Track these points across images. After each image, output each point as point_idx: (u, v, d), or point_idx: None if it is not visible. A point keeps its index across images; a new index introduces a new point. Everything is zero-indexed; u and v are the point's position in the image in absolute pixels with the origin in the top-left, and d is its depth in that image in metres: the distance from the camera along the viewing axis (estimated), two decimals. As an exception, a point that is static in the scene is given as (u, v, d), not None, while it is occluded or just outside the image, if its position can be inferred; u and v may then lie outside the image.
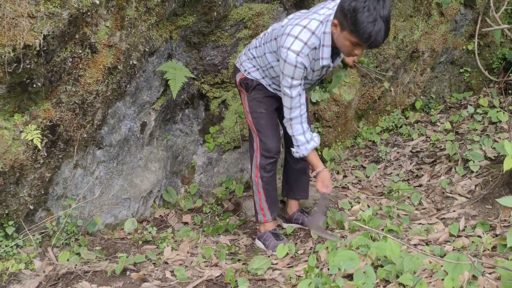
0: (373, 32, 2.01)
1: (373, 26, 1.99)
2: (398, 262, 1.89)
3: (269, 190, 2.63)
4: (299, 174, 2.82)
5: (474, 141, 3.42)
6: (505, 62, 4.29)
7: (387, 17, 2.01)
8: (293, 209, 2.91)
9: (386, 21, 2.01)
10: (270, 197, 2.64)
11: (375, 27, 2.00)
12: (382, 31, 2.02)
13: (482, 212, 2.66)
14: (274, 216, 2.69)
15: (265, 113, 2.56)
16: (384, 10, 1.99)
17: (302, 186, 2.86)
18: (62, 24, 2.18)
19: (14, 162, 2.25)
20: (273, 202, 2.67)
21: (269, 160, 2.57)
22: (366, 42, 2.05)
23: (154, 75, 2.89)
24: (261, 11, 3.15)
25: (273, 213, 2.68)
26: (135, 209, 2.90)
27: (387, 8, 1.99)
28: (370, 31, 2.01)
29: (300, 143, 2.43)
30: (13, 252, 2.36)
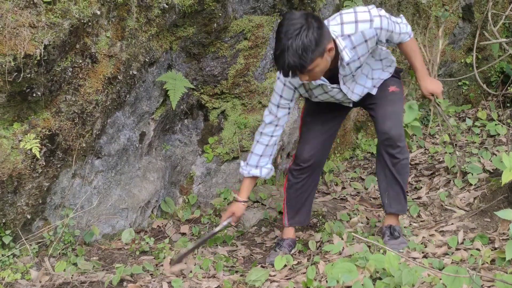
0: (279, 63, 2.00)
1: (279, 58, 1.98)
2: (396, 274, 1.88)
3: (291, 195, 2.61)
4: (388, 184, 2.50)
5: (473, 154, 3.43)
6: (503, 75, 4.31)
7: (289, 47, 1.94)
8: (383, 222, 2.64)
9: (287, 50, 1.94)
10: (290, 203, 2.62)
11: (279, 59, 1.98)
12: (284, 62, 1.97)
13: (481, 225, 2.65)
14: (291, 223, 2.66)
15: (309, 121, 2.56)
16: (286, 42, 1.94)
17: (390, 197, 2.52)
18: (63, 34, 2.19)
19: (12, 171, 2.25)
20: (293, 209, 2.63)
21: (296, 167, 2.56)
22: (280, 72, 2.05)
23: (154, 85, 2.90)
24: (261, 23, 3.17)
25: (290, 220, 2.65)
26: (133, 219, 2.90)
27: (292, 39, 1.92)
28: (277, 62, 2.01)
29: (250, 162, 2.45)
30: (9, 262, 2.34)
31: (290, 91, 2.33)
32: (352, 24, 2.14)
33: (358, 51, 2.20)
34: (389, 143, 2.38)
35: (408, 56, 2.43)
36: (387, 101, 2.42)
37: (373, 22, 2.15)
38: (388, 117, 2.37)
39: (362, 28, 2.15)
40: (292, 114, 3.48)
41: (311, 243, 2.67)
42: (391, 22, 2.23)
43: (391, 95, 2.43)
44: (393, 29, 2.24)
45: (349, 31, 2.15)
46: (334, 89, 2.32)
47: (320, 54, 2.01)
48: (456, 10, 4.10)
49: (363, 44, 2.19)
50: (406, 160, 2.45)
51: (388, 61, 2.48)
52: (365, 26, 2.14)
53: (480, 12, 4.16)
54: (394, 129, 2.35)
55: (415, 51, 2.41)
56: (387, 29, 2.20)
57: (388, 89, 2.44)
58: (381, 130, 2.38)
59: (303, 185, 2.58)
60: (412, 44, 2.39)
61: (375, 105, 2.45)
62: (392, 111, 2.39)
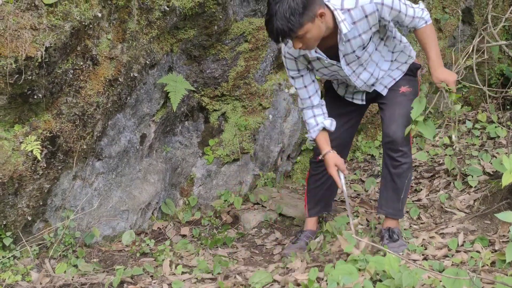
0: (268, 28, 2.03)
1: (268, 23, 2.01)
2: (396, 277, 1.89)
3: (311, 186, 2.68)
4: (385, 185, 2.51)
5: (473, 156, 3.43)
6: (503, 77, 4.32)
7: (277, 11, 1.96)
8: (382, 224, 2.64)
9: (275, 15, 1.96)
10: (310, 194, 2.68)
11: (269, 24, 2.01)
12: (273, 26, 1.99)
13: (481, 227, 2.65)
14: (311, 214, 2.71)
15: None
16: (274, 6, 1.96)
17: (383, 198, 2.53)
18: (64, 37, 2.20)
19: (13, 172, 2.25)
20: (313, 200, 2.69)
21: (315, 160, 2.62)
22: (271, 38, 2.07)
23: (155, 88, 2.91)
24: (262, 26, 3.18)
25: (310, 210, 2.71)
26: (133, 221, 2.90)
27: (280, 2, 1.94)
28: (266, 28, 2.05)
29: (310, 126, 2.43)
30: (10, 264, 2.35)
31: (292, 62, 2.33)
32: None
33: (358, 27, 2.15)
34: (392, 146, 2.37)
35: (422, 44, 2.29)
36: (396, 103, 2.39)
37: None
38: (394, 120, 2.35)
39: (362, 3, 2.09)
40: (292, 116, 3.49)
41: (312, 243, 2.67)
42: (399, 2, 2.13)
43: (401, 96, 2.40)
44: (401, 9, 2.14)
45: (349, 5, 2.10)
46: (334, 65, 2.28)
47: (309, 19, 1.99)
48: (456, 13, 4.11)
49: (364, 20, 2.13)
50: (408, 164, 2.42)
51: (402, 56, 2.41)
52: (365, 0, 2.10)
53: (480, 14, 4.17)
54: (397, 133, 2.33)
55: (430, 39, 2.25)
56: (391, 6, 2.11)
57: (399, 89, 2.41)
58: (386, 133, 2.38)
59: (321, 177, 2.62)
60: (428, 31, 2.24)
61: (384, 105, 2.44)
62: (399, 114, 2.36)
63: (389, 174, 2.45)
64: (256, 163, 3.42)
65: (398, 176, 2.43)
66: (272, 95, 3.36)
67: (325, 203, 2.75)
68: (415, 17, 2.21)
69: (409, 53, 2.43)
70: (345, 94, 2.56)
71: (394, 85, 2.43)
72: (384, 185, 2.50)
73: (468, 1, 4.10)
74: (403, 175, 2.43)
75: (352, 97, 2.54)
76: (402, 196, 2.48)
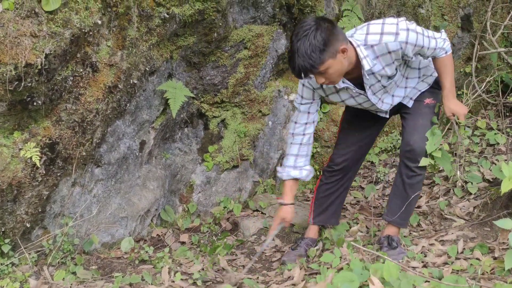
0: (290, 65, 2.08)
1: (291, 60, 2.06)
2: (396, 284, 1.88)
3: (320, 194, 2.69)
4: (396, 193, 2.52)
5: (472, 163, 3.43)
6: (502, 84, 4.33)
7: (298, 49, 2.00)
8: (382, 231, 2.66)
9: (297, 52, 2.01)
10: (318, 202, 2.70)
11: (291, 61, 2.06)
12: (295, 63, 2.04)
13: (481, 235, 2.65)
14: (315, 221, 2.72)
15: (346, 127, 2.63)
16: (295, 44, 2.01)
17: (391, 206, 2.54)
18: (64, 44, 2.21)
19: (12, 179, 2.25)
20: (319, 208, 2.70)
21: (329, 168, 2.65)
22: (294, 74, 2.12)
23: (154, 94, 2.91)
24: (261, 33, 3.19)
25: (315, 218, 2.72)
26: (132, 228, 2.89)
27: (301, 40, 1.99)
28: (289, 64, 2.10)
29: (287, 164, 2.46)
30: (8, 271, 2.34)
31: (309, 91, 2.37)
32: (377, 35, 2.12)
33: (381, 61, 2.19)
34: (411, 156, 2.38)
35: (439, 72, 2.36)
36: (420, 114, 2.41)
37: (399, 35, 2.11)
38: (417, 130, 2.37)
39: (386, 40, 2.12)
40: (292, 123, 3.49)
41: (311, 251, 2.66)
42: (422, 37, 2.17)
43: (426, 107, 2.42)
44: (423, 44, 2.18)
45: (373, 41, 2.13)
46: (361, 95, 2.32)
47: (331, 55, 2.02)
48: (455, 20, 4.12)
49: (387, 55, 2.17)
50: (422, 177, 2.44)
51: (427, 70, 2.43)
52: (389, 38, 2.12)
53: (479, 21, 4.19)
54: (419, 143, 2.35)
55: (448, 69, 2.32)
56: (415, 44, 2.15)
57: (424, 101, 2.44)
58: (406, 141, 2.39)
59: (332, 187, 2.65)
60: (446, 61, 2.31)
61: (408, 115, 2.46)
62: (422, 124, 2.38)
63: (402, 183, 2.46)
64: (256, 169, 3.42)
65: (411, 186, 2.44)
66: (271, 102, 3.37)
67: (332, 213, 2.74)
68: (436, 49, 2.25)
69: (432, 66, 2.44)
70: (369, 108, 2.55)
71: (419, 96, 2.46)
72: (394, 193, 2.52)
73: (467, 9, 4.12)
74: (415, 186, 2.45)
75: (375, 111, 2.53)
76: (409, 207, 2.50)
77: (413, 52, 2.19)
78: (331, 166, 2.63)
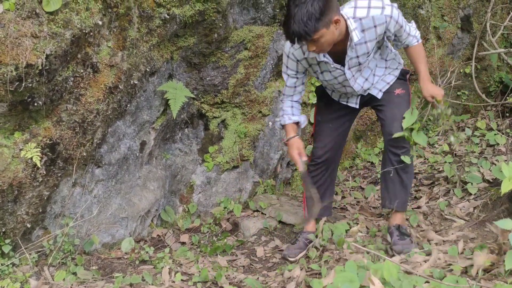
0: (285, 29, 2.15)
1: (286, 25, 2.13)
2: (396, 284, 1.88)
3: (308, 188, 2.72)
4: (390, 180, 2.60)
5: (472, 164, 3.43)
6: (502, 85, 4.33)
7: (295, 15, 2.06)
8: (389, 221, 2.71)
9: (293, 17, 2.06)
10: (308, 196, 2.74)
11: (286, 25, 2.12)
12: (290, 28, 2.09)
13: (481, 235, 2.65)
14: (310, 215, 2.76)
15: (320, 120, 2.71)
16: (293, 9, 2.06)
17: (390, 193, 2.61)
18: (64, 44, 2.21)
19: (13, 180, 2.26)
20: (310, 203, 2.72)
21: (313, 162, 2.71)
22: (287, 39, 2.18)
23: (155, 95, 2.92)
24: (261, 33, 3.19)
25: (309, 212, 2.76)
26: (132, 228, 2.89)
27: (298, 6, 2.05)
28: (284, 28, 2.16)
29: (286, 112, 2.55)
30: (9, 271, 2.34)
31: (293, 63, 2.45)
32: (364, 9, 2.24)
33: (366, 35, 2.29)
34: (395, 144, 2.49)
35: (413, 60, 2.50)
36: (394, 104, 2.53)
37: (385, 9, 2.25)
38: (396, 119, 2.49)
39: (373, 13, 2.24)
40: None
41: (311, 252, 2.66)
42: (402, 18, 2.33)
43: (398, 97, 2.55)
44: (403, 24, 2.34)
45: (361, 14, 2.24)
46: (337, 69, 2.41)
47: (325, 24, 2.10)
48: (455, 21, 4.13)
49: (372, 29, 2.28)
50: (411, 161, 2.54)
51: (393, 63, 2.57)
52: (376, 12, 2.24)
53: (478, 22, 4.19)
54: (400, 130, 2.46)
55: (421, 56, 2.48)
56: (397, 20, 2.29)
57: (394, 92, 2.55)
58: (388, 131, 2.50)
59: (319, 180, 2.71)
60: (419, 48, 2.48)
61: (383, 107, 2.56)
62: (400, 113, 2.50)
63: (394, 170, 2.55)
64: (256, 170, 3.42)
65: (403, 170, 2.55)
66: (272, 102, 3.37)
67: (325, 206, 2.82)
68: (410, 34, 2.42)
69: (398, 61, 2.61)
70: (339, 99, 2.67)
71: (389, 88, 2.58)
72: (390, 180, 2.60)
73: (467, 9, 4.12)
74: (407, 170, 2.56)
75: (346, 101, 2.65)
76: (407, 190, 2.61)
77: (394, 29, 2.32)
78: (314, 160, 2.71)
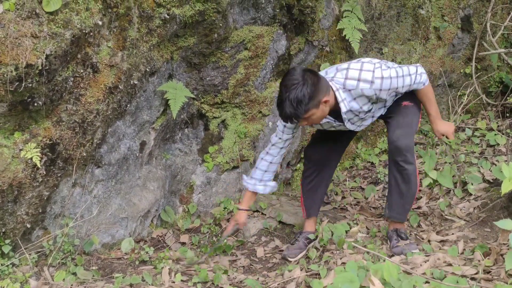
0: (279, 110, 2.29)
1: (280, 107, 2.28)
2: (396, 285, 1.88)
3: (305, 189, 2.82)
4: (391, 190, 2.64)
5: (473, 164, 3.43)
6: (502, 85, 4.33)
7: (287, 99, 2.22)
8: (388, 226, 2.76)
9: (285, 101, 2.23)
10: (306, 196, 2.83)
11: (280, 107, 2.28)
12: (283, 110, 2.26)
13: (481, 235, 2.65)
14: (309, 214, 2.83)
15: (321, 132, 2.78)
16: (284, 94, 2.22)
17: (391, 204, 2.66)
18: (64, 44, 2.21)
19: (12, 180, 2.25)
20: (309, 202, 2.83)
21: (304, 162, 2.84)
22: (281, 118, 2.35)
23: (155, 95, 2.92)
24: (261, 33, 3.19)
25: (308, 210, 2.84)
26: (132, 228, 2.89)
27: (289, 92, 2.21)
28: (278, 109, 2.31)
29: (255, 176, 2.65)
30: (8, 271, 2.34)
31: (293, 124, 2.52)
32: (354, 81, 2.34)
33: (358, 101, 2.40)
34: (396, 151, 2.52)
35: (421, 100, 2.58)
36: (399, 113, 2.59)
37: (373, 84, 2.32)
38: (399, 127, 2.54)
39: (362, 87, 2.34)
40: (292, 123, 3.49)
41: (312, 252, 2.66)
42: (396, 80, 2.37)
43: (404, 108, 2.59)
44: (397, 85, 2.39)
45: (350, 86, 2.35)
46: (341, 125, 2.54)
47: (314, 106, 2.25)
48: (455, 21, 4.12)
49: (363, 97, 2.38)
50: (412, 169, 2.55)
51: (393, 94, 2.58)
52: (365, 86, 2.33)
53: (479, 22, 4.19)
54: (402, 138, 2.50)
55: (428, 96, 2.55)
56: (388, 88, 2.37)
57: (401, 103, 2.59)
58: (390, 138, 2.55)
59: (312, 180, 2.79)
60: (425, 91, 2.52)
61: (389, 118, 2.62)
62: (403, 122, 2.55)
63: (394, 178, 2.59)
64: (256, 170, 3.42)
65: (403, 180, 2.56)
66: (271, 103, 3.37)
67: (322, 203, 2.92)
68: (412, 85, 2.45)
69: None
70: None
71: (397, 100, 2.61)
72: (390, 190, 2.65)
73: (467, 9, 4.12)
74: (407, 180, 2.56)
75: None
76: (406, 201, 2.61)
77: (387, 95, 2.42)
78: (306, 163, 2.82)
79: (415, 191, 2.60)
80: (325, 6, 3.42)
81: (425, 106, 2.59)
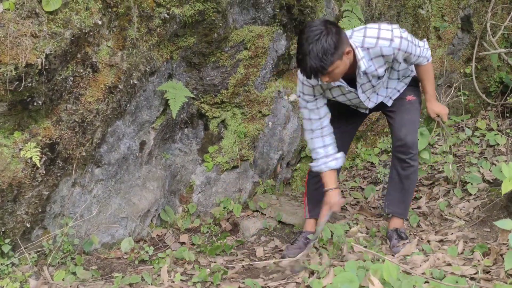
0: (301, 66, 2.18)
1: (302, 62, 2.16)
2: (396, 284, 1.88)
3: (311, 188, 2.76)
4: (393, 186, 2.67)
5: (472, 164, 3.43)
6: (502, 85, 4.33)
7: (311, 51, 2.11)
8: (388, 225, 2.77)
9: (309, 54, 2.11)
10: (310, 196, 2.77)
11: (302, 62, 2.16)
12: (306, 64, 2.14)
13: (481, 235, 2.65)
14: (311, 215, 2.79)
15: None
16: (307, 46, 2.10)
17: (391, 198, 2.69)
18: (64, 44, 2.21)
19: (12, 179, 2.25)
20: (312, 202, 2.76)
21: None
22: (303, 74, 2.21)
23: (154, 95, 2.92)
24: (261, 33, 3.19)
25: (310, 212, 2.79)
26: (132, 228, 2.89)
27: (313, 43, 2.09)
28: (300, 65, 2.20)
29: (319, 155, 2.53)
30: (8, 271, 2.34)
31: (310, 88, 2.47)
32: (373, 39, 2.29)
33: (375, 63, 2.35)
34: (403, 149, 2.55)
35: (421, 77, 2.58)
36: (404, 110, 2.59)
37: (393, 42, 2.28)
38: (405, 125, 2.55)
39: (381, 45, 2.29)
40: (292, 123, 3.49)
41: (311, 251, 2.66)
42: (412, 45, 2.36)
43: (408, 104, 2.60)
44: (412, 51, 2.37)
45: (369, 44, 2.29)
46: (351, 92, 2.46)
47: (339, 57, 2.16)
48: (455, 21, 4.13)
49: (380, 58, 2.33)
50: (415, 167, 2.60)
51: (406, 72, 2.59)
52: (384, 43, 2.28)
53: (479, 22, 4.19)
54: (409, 136, 2.53)
55: (429, 74, 2.55)
56: (405, 50, 2.33)
57: (405, 98, 2.60)
58: (396, 136, 2.56)
59: (319, 181, 2.67)
60: (428, 68, 2.53)
61: (393, 113, 2.62)
62: (409, 119, 2.56)
63: (397, 175, 2.61)
64: (256, 170, 3.42)
65: (406, 177, 2.60)
66: (271, 102, 3.37)
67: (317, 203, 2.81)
68: (420, 56, 2.45)
69: (411, 69, 2.62)
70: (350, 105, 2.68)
71: (400, 95, 2.62)
72: (392, 186, 2.66)
73: (467, 9, 4.12)
74: (410, 177, 2.60)
75: (356, 107, 2.68)
76: (406, 197, 2.66)
77: (402, 58, 2.38)
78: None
79: (414, 187, 2.66)
80: (325, 6, 3.42)
81: (423, 84, 2.58)
